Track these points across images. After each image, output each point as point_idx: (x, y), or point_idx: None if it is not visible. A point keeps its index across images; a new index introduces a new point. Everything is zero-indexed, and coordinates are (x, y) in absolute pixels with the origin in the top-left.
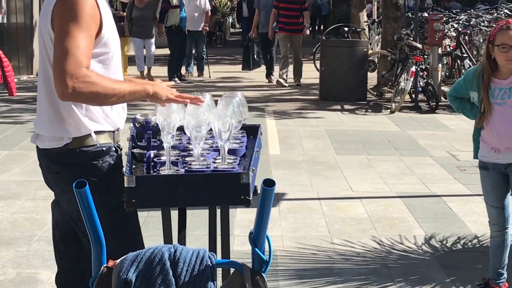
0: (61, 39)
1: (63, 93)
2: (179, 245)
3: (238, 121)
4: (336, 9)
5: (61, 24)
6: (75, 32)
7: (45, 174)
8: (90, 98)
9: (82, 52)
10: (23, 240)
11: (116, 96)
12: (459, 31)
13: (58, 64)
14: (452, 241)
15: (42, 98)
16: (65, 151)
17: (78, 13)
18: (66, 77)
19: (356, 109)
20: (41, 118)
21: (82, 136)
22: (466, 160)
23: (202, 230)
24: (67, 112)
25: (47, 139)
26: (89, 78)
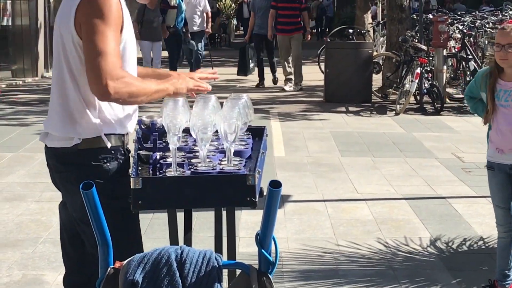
0: (93, 39)
1: (103, 93)
2: (186, 247)
3: (244, 123)
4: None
5: (91, 24)
6: (107, 32)
7: (52, 174)
8: (127, 98)
9: (116, 52)
10: (28, 242)
11: (146, 95)
12: (464, 33)
13: (94, 64)
14: (457, 242)
15: (55, 98)
16: (74, 151)
17: (107, 13)
18: (106, 77)
19: (361, 111)
20: (52, 117)
21: (92, 138)
22: (471, 162)
23: (207, 232)
24: (79, 113)
25: (56, 138)
26: (125, 78)
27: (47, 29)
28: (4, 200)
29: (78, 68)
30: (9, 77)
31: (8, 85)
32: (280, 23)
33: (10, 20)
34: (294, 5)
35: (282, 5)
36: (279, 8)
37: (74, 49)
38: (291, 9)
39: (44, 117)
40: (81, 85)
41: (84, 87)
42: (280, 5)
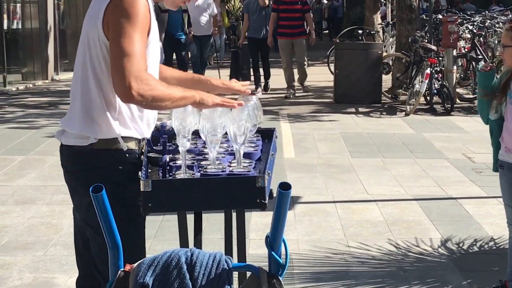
0: (119, 40)
1: (126, 94)
2: (196, 249)
3: (253, 125)
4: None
5: (118, 25)
6: (133, 34)
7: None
8: (150, 101)
9: (142, 54)
10: (39, 244)
11: (170, 100)
12: (474, 33)
13: (119, 65)
14: (468, 243)
15: (77, 96)
16: (88, 150)
17: (134, 15)
18: (131, 79)
19: (370, 112)
20: (72, 115)
21: (108, 139)
22: (481, 162)
23: (217, 234)
24: (99, 113)
25: (72, 136)
26: (150, 81)
27: (57, 32)
28: (15, 203)
29: (102, 68)
30: (19, 80)
31: (19, 88)
32: (282, 27)
33: (20, 23)
34: (296, 7)
35: (284, 8)
36: (280, 11)
37: (99, 49)
38: (293, 11)
39: (55, 119)
40: (103, 85)
41: (105, 88)
42: (281, 7)
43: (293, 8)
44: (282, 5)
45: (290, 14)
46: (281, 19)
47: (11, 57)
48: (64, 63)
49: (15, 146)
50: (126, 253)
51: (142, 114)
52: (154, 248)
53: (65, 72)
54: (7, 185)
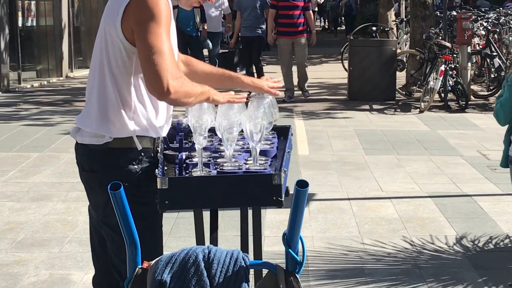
0: (148, 39)
1: (163, 91)
2: (213, 246)
3: (269, 122)
4: (364, 8)
5: (144, 24)
6: (161, 32)
7: (79, 171)
8: (183, 97)
9: (172, 51)
10: (55, 241)
11: (195, 95)
12: (489, 30)
13: (153, 63)
14: (483, 240)
15: (94, 95)
16: (103, 149)
17: (158, 13)
18: (167, 76)
19: (385, 109)
20: (88, 113)
21: (123, 138)
22: (496, 159)
23: (233, 231)
24: (114, 112)
25: (88, 135)
26: (182, 77)
27: (71, 29)
28: (30, 200)
29: (119, 67)
30: (34, 77)
31: (33, 86)
32: (281, 25)
33: (34, 20)
34: (296, 3)
35: (283, 4)
36: (279, 7)
37: (117, 48)
38: (293, 8)
39: (69, 116)
40: (120, 85)
41: (122, 87)
42: (280, 4)
43: (293, 4)
44: (281, 1)
45: (290, 11)
46: (280, 17)
47: (26, 55)
48: (79, 60)
49: (30, 143)
50: (143, 251)
51: (157, 113)
52: (169, 245)
53: (79, 69)
54: (22, 182)
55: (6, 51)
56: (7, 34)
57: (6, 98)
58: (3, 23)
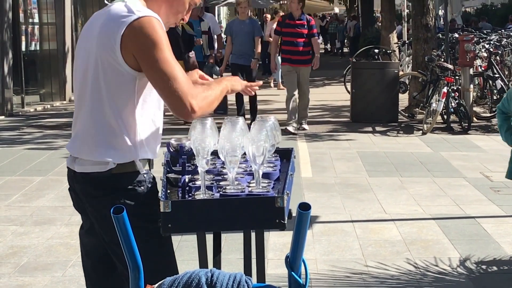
0: (158, 67)
1: (189, 113)
2: (216, 270)
3: (272, 145)
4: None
5: (149, 53)
6: (167, 56)
7: (79, 199)
8: (207, 107)
9: (183, 72)
10: (58, 265)
11: (216, 99)
12: (490, 52)
13: (171, 90)
14: (487, 262)
15: (89, 123)
16: (108, 176)
17: (158, 38)
18: (188, 99)
19: (387, 131)
20: (85, 142)
21: (126, 162)
22: (499, 181)
23: (236, 254)
24: (116, 138)
25: (89, 163)
26: (200, 93)
27: (74, 53)
28: (34, 223)
29: (120, 93)
30: (37, 101)
31: (37, 109)
32: (285, 52)
33: (37, 44)
34: (301, 30)
35: (287, 30)
36: (283, 33)
37: (117, 74)
38: (298, 35)
39: None
40: (122, 110)
41: (124, 111)
42: (284, 30)
43: (298, 31)
44: (285, 27)
45: (294, 38)
46: (284, 44)
47: (29, 79)
48: None
49: (33, 167)
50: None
51: (153, 134)
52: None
53: None
54: (25, 206)
55: (10, 75)
56: (11, 59)
57: (9, 122)
58: (7, 48)
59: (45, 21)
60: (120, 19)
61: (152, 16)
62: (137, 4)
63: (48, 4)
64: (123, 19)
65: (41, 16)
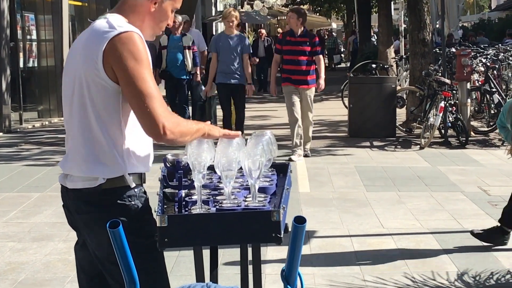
0: (135, 84)
1: (160, 134)
2: (212, 283)
3: (268, 159)
4: (363, 45)
5: (128, 68)
6: (145, 74)
7: (71, 216)
8: (179, 137)
9: (159, 93)
10: (56, 281)
11: (190, 134)
12: (488, 66)
13: (146, 109)
14: (485, 276)
15: (78, 140)
16: (98, 191)
17: (138, 54)
18: (162, 120)
19: (385, 146)
20: (74, 159)
21: (116, 177)
22: (497, 195)
23: (233, 269)
24: (104, 153)
25: (79, 179)
26: (175, 118)
27: None
28: (31, 240)
29: (107, 109)
30: (35, 118)
31: (35, 126)
32: (286, 71)
33: (35, 61)
34: (303, 48)
35: (287, 48)
36: (284, 52)
37: (102, 90)
38: (299, 53)
39: None
40: (109, 126)
41: (111, 127)
42: (285, 48)
43: (299, 49)
44: (286, 45)
45: (296, 56)
46: (285, 62)
47: (27, 95)
48: None
49: (31, 183)
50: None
51: (144, 149)
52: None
53: None
54: (23, 222)
55: (8, 92)
56: (9, 75)
57: (7, 139)
58: (5, 64)
59: (43, 38)
60: (102, 35)
61: (133, 31)
62: (119, 20)
63: (46, 21)
64: (105, 35)
65: (39, 33)
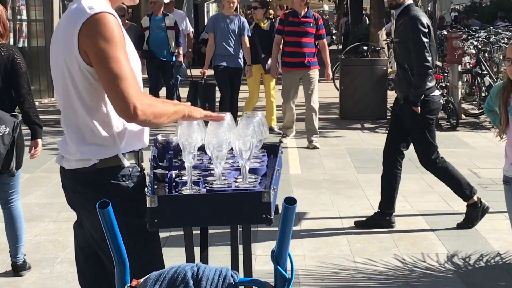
0: (108, 65)
1: (132, 116)
2: (202, 264)
3: (259, 140)
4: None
5: (99, 50)
6: (118, 55)
7: (69, 195)
8: (152, 118)
9: (133, 74)
10: (46, 262)
11: (167, 115)
12: (479, 49)
13: (117, 90)
14: (474, 258)
15: (67, 123)
16: (92, 171)
17: (111, 35)
18: (133, 101)
19: (376, 128)
20: (67, 142)
21: (109, 157)
22: (487, 177)
23: (224, 251)
24: (93, 135)
25: (74, 160)
26: (148, 99)
27: None
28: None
29: (90, 93)
30: None
31: None
32: (287, 54)
33: (26, 41)
34: (307, 29)
35: (290, 29)
36: (286, 33)
37: (81, 75)
38: (302, 34)
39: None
40: (94, 109)
41: (97, 110)
42: (287, 29)
43: (303, 30)
44: (288, 26)
45: (298, 38)
46: (287, 44)
47: None
48: None
49: None
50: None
51: (138, 126)
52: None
53: None
54: None
55: None
56: None
57: None
58: None
59: (33, 18)
60: (74, 20)
61: (104, 12)
62: (91, 0)
63: (36, 1)
64: (78, 20)
65: (29, 13)
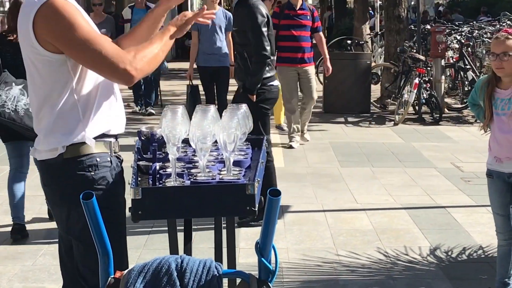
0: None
1: (128, 78)
2: (186, 256)
3: (243, 133)
4: (339, 22)
5: (62, 34)
6: (84, 31)
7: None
8: (148, 67)
9: (102, 37)
10: (28, 254)
11: (160, 50)
12: (462, 43)
13: (98, 62)
14: (457, 252)
15: (36, 113)
16: (59, 162)
17: (68, 18)
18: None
19: (360, 122)
20: (36, 132)
21: (76, 145)
22: (470, 171)
23: (207, 243)
24: (58, 122)
25: (43, 151)
26: (133, 52)
27: None
28: (4, 213)
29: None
30: None
31: None
32: (283, 49)
33: None
34: (303, 22)
35: (286, 23)
36: (281, 27)
37: (47, 63)
38: (299, 27)
39: None
40: (57, 95)
41: (67, 99)
42: (282, 22)
43: (299, 23)
44: (284, 19)
45: (295, 31)
46: (282, 39)
47: None
48: None
49: (4, 156)
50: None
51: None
52: (143, 257)
53: None
54: None
55: None
56: None
57: None
58: None
59: None
60: (28, 12)
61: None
62: None
63: None
64: (30, 10)
65: None
